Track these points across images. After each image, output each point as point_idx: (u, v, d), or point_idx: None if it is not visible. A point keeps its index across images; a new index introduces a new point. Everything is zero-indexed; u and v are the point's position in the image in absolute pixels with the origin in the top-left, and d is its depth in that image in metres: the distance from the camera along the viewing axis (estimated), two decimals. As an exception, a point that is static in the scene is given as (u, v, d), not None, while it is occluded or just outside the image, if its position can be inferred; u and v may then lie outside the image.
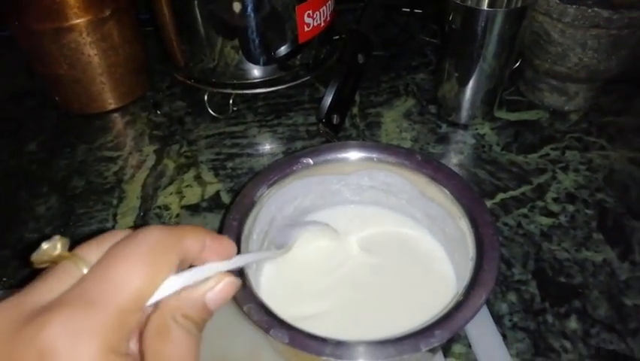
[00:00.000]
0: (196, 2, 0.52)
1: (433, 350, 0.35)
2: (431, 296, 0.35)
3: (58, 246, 0.21)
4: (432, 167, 0.38)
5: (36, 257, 0.21)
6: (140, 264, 0.20)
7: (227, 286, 0.24)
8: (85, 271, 0.20)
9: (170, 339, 0.20)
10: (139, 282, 0.19)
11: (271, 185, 0.38)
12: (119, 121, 0.62)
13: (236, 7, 0.52)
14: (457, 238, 0.36)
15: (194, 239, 0.23)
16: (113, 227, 0.49)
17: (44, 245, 0.21)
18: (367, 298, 0.36)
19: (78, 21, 0.56)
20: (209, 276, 0.23)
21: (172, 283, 0.21)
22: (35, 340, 0.17)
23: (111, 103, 0.63)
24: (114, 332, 0.18)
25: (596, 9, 0.49)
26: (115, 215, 0.50)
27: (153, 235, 0.21)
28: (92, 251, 0.21)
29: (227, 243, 0.25)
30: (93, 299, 0.19)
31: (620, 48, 0.52)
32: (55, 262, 0.21)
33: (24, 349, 0.18)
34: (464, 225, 0.35)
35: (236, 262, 0.26)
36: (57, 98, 0.63)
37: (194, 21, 0.54)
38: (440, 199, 0.37)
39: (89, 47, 0.57)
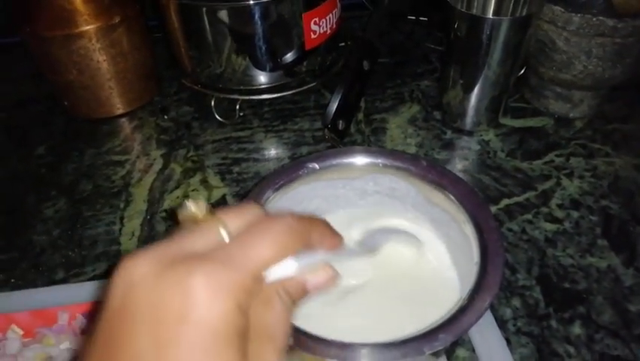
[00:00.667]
0: (204, 9, 0.53)
1: (436, 354, 0.35)
2: (435, 300, 0.35)
3: (203, 208, 0.24)
4: (437, 172, 0.38)
5: (183, 215, 0.24)
6: (275, 242, 0.23)
7: (327, 277, 0.26)
8: (224, 233, 0.23)
9: (272, 308, 0.23)
10: (270, 256, 0.23)
11: (277, 189, 0.38)
12: (126, 126, 0.63)
13: (244, 14, 0.53)
14: (461, 243, 0.36)
15: (320, 233, 0.26)
16: (120, 230, 0.49)
17: (190, 205, 0.24)
18: (371, 301, 0.37)
19: (88, 28, 0.57)
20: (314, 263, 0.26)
21: (289, 265, 0.24)
22: (182, 283, 0.20)
23: (119, 108, 0.64)
24: (244, 293, 0.21)
25: (600, 18, 0.49)
26: (122, 218, 0.50)
27: (290, 222, 0.24)
28: (231, 219, 0.24)
29: (340, 240, 0.28)
30: (234, 261, 0.21)
31: (625, 56, 0.52)
32: (198, 221, 0.24)
33: (171, 287, 0.20)
34: (469, 230, 0.35)
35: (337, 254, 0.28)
36: (66, 103, 0.64)
37: (202, 28, 0.55)
38: (445, 204, 0.38)
39: (98, 53, 0.58)
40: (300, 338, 0.28)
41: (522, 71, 0.59)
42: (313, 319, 0.32)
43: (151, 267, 0.21)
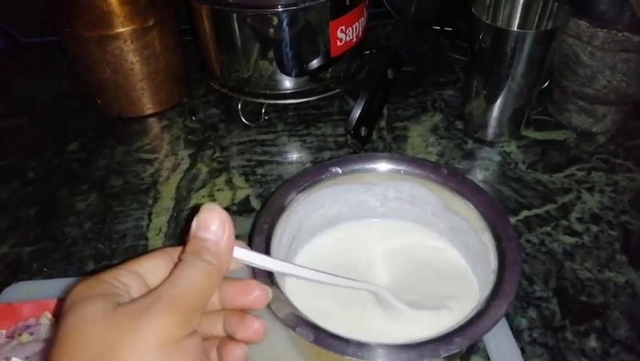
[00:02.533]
0: (235, 15, 0.55)
1: (451, 359, 0.36)
2: (452, 307, 0.36)
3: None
4: (457, 181, 0.39)
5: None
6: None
7: None
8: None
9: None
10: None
11: (301, 191, 0.39)
12: (156, 125, 0.65)
13: (273, 21, 0.54)
14: (479, 251, 0.37)
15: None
16: (148, 226, 0.51)
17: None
18: (390, 306, 0.37)
19: (123, 29, 0.59)
20: None
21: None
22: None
23: (149, 108, 0.66)
24: None
25: (626, 33, 0.50)
26: (150, 214, 0.52)
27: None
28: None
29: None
30: None
31: (650, 72, 0.52)
32: None
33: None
34: (487, 238, 0.36)
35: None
36: (99, 102, 0.66)
37: (232, 33, 0.57)
38: (464, 213, 0.38)
39: (132, 54, 0.61)
40: (319, 335, 0.29)
41: (546, 84, 0.60)
42: (332, 318, 0.34)
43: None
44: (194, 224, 0.27)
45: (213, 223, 0.26)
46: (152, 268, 0.26)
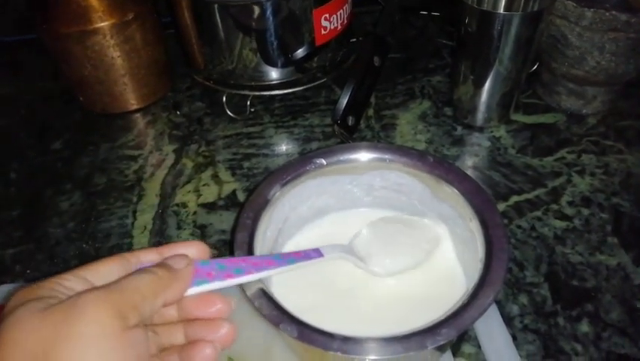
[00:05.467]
0: (216, 6, 0.54)
1: (441, 349, 0.36)
2: (440, 295, 0.36)
3: None
4: (444, 168, 0.38)
5: None
6: None
7: None
8: None
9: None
10: None
11: (285, 184, 0.39)
12: (140, 121, 0.64)
13: (255, 11, 0.53)
14: (467, 239, 0.36)
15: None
16: (132, 224, 0.50)
17: None
18: (377, 296, 0.37)
19: (102, 24, 0.57)
20: None
21: None
22: None
23: (133, 103, 0.65)
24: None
25: (614, 12, 0.49)
26: (134, 212, 0.51)
27: None
28: None
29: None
30: None
31: (639, 51, 0.51)
32: None
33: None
34: (474, 226, 0.35)
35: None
36: (81, 99, 0.65)
37: (214, 25, 0.55)
38: (451, 200, 0.38)
39: (113, 49, 0.59)
40: (303, 331, 0.29)
41: (534, 67, 0.59)
42: (319, 311, 0.33)
43: None
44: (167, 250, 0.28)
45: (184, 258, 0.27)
46: (105, 273, 0.25)
